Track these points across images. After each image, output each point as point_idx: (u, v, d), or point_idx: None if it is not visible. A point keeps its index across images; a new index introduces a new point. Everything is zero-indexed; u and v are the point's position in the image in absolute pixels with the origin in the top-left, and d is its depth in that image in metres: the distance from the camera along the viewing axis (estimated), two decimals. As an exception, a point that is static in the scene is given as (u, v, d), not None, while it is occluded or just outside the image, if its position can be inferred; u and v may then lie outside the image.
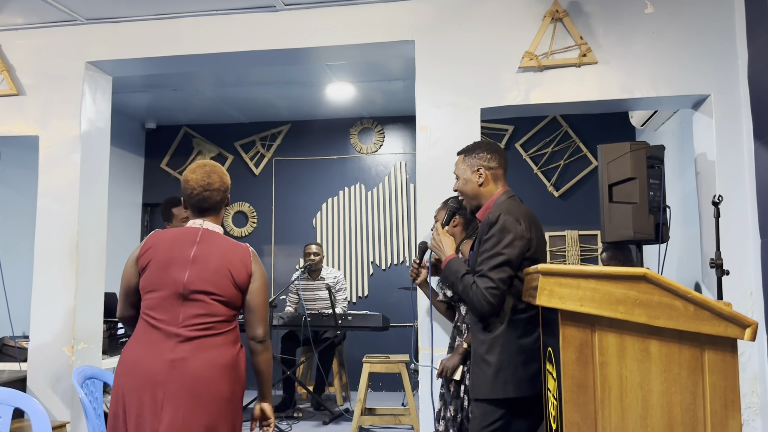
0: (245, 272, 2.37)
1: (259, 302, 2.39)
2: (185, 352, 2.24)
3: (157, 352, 2.24)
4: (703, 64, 3.51)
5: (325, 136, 7.02)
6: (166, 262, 2.32)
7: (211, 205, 2.43)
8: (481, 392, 2.32)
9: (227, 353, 2.31)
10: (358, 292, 6.75)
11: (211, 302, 2.30)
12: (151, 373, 2.22)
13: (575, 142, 6.41)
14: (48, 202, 4.01)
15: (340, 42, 3.86)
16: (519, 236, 2.29)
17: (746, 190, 3.39)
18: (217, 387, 2.25)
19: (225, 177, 2.48)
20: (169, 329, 2.26)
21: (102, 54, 4.11)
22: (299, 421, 5.10)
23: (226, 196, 2.49)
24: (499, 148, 2.59)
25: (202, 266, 2.31)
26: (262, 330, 2.38)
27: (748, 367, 3.30)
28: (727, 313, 1.76)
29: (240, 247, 2.43)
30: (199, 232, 2.40)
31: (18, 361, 4.14)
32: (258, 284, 2.40)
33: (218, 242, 2.39)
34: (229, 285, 2.33)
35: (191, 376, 2.22)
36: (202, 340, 2.27)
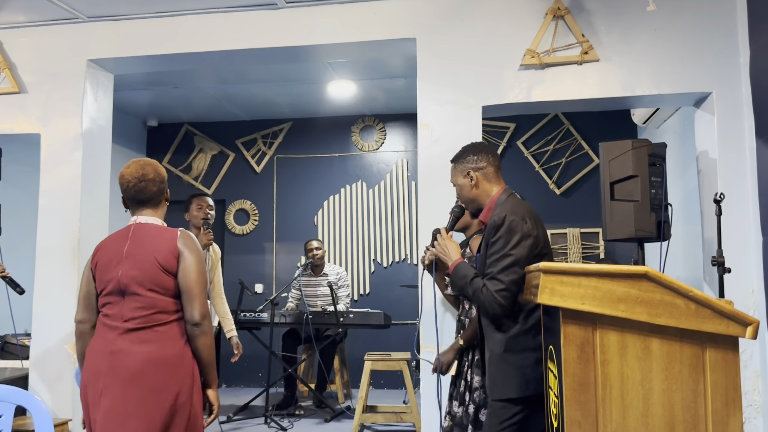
0: (171, 255, 2.33)
1: (190, 282, 2.32)
2: (124, 344, 2.26)
3: (102, 344, 2.30)
4: (704, 62, 3.50)
5: (326, 134, 7.02)
6: (106, 262, 2.38)
7: (148, 197, 2.44)
8: (501, 392, 2.33)
9: (166, 347, 2.28)
10: (359, 290, 6.76)
11: (147, 294, 2.30)
12: (94, 364, 2.28)
13: (577, 139, 6.40)
14: (50, 200, 4.02)
15: (341, 40, 3.86)
16: (526, 235, 2.30)
17: (748, 188, 3.39)
18: (152, 381, 2.23)
19: (160, 169, 2.48)
20: (113, 323, 2.31)
21: (103, 52, 4.11)
22: (301, 418, 5.11)
23: (164, 189, 2.48)
24: (486, 148, 2.59)
25: (133, 260, 2.33)
26: (196, 312, 2.30)
27: (750, 365, 3.30)
28: (729, 311, 1.75)
29: (168, 231, 2.40)
30: (131, 228, 2.43)
31: (20, 359, 4.15)
32: (186, 264, 2.33)
33: (149, 232, 2.39)
34: (158, 272, 2.31)
35: (127, 367, 2.23)
36: (142, 332, 2.28)
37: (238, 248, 7.03)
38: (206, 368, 2.37)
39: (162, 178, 2.47)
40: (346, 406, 5.42)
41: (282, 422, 4.79)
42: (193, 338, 2.33)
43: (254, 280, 6.85)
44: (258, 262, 6.98)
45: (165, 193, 2.50)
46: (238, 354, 4.07)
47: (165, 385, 2.24)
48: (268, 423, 4.78)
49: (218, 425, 4.60)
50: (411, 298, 6.35)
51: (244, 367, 6.79)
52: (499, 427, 2.30)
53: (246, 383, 6.76)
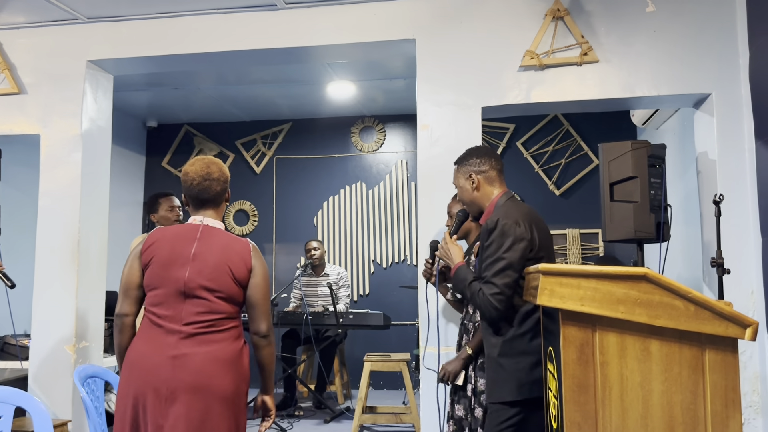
0: (245, 268, 2.35)
1: (260, 297, 2.38)
2: (187, 348, 2.25)
3: (160, 349, 2.25)
4: (704, 63, 3.51)
5: (326, 135, 7.02)
6: (167, 260, 2.32)
7: (211, 197, 2.42)
8: (497, 395, 2.35)
9: (229, 348, 2.31)
10: (359, 291, 6.76)
11: (213, 299, 2.30)
12: (154, 369, 2.23)
13: (576, 140, 6.40)
14: (49, 201, 4.02)
15: (341, 41, 3.86)
16: (519, 239, 2.31)
17: (747, 189, 3.39)
18: (219, 382, 2.25)
19: (224, 169, 2.48)
20: (171, 326, 2.27)
21: (103, 53, 4.11)
22: (300, 419, 5.10)
23: (226, 188, 2.48)
24: (489, 151, 2.60)
25: (202, 263, 2.31)
26: (264, 325, 2.38)
27: (750, 366, 3.30)
28: (728, 312, 1.76)
29: (240, 242, 2.41)
30: (200, 228, 2.39)
31: (20, 360, 4.15)
32: (258, 279, 2.38)
33: (218, 238, 2.38)
34: (229, 281, 2.32)
35: (193, 371, 2.22)
36: (204, 336, 2.28)
37: (237, 249, 7.02)
38: (268, 376, 2.46)
39: (226, 177, 2.47)
40: (345, 406, 5.42)
41: (281, 423, 4.78)
42: (259, 348, 2.40)
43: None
44: (257, 262, 6.96)
45: (227, 194, 2.50)
46: None
47: (227, 386, 2.28)
48: (267, 424, 4.78)
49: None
50: (411, 298, 6.35)
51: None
52: (497, 428, 2.32)
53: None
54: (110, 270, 4.29)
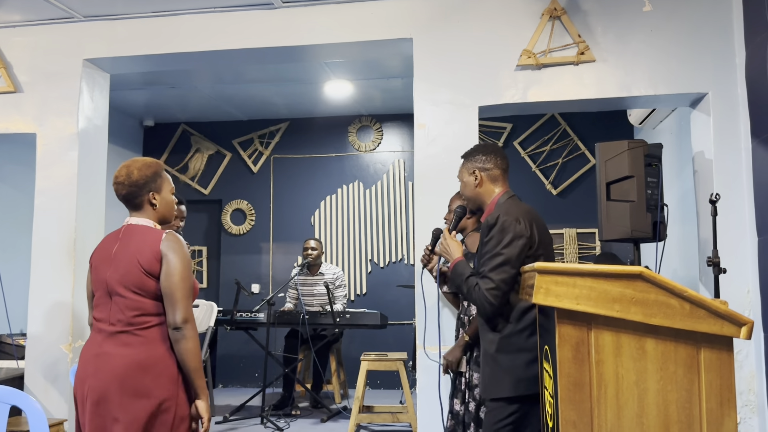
0: (153, 258, 2.28)
1: (168, 285, 2.26)
2: (109, 347, 2.25)
3: (89, 347, 2.31)
4: (701, 63, 3.51)
5: (323, 134, 7.02)
6: (97, 264, 2.38)
7: (123, 199, 2.41)
8: (493, 391, 2.36)
9: (149, 351, 2.24)
10: (356, 290, 6.75)
11: (131, 296, 2.27)
12: (82, 367, 2.29)
13: (573, 140, 6.41)
14: (46, 200, 4.01)
15: (338, 39, 3.86)
16: (518, 235, 2.32)
17: (744, 189, 3.40)
18: (134, 385, 2.20)
19: (135, 172, 2.37)
20: (101, 326, 2.31)
21: (99, 51, 4.10)
22: (297, 418, 5.10)
23: (137, 192, 2.38)
24: (497, 150, 2.62)
25: (119, 261, 2.32)
26: (178, 316, 2.24)
27: (746, 365, 3.31)
28: (723, 311, 1.76)
29: (153, 233, 2.35)
30: (122, 229, 2.42)
31: (15, 359, 4.14)
32: (168, 267, 2.27)
33: (136, 234, 2.36)
34: (140, 275, 2.27)
35: (110, 372, 2.22)
36: (126, 335, 2.26)
37: (234, 248, 7.03)
38: (191, 375, 2.28)
39: (132, 181, 2.37)
40: (342, 406, 5.42)
41: (278, 422, 4.78)
42: (176, 342, 2.27)
43: (251, 281, 6.84)
44: (254, 262, 6.97)
45: (143, 197, 2.40)
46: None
47: (146, 390, 2.20)
48: (264, 423, 4.78)
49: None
50: (408, 298, 6.35)
51: (240, 368, 6.78)
52: (495, 427, 2.32)
53: (242, 383, 6.75)
54: (106, 269, 4.27)
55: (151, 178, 2.42)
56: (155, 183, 2.43)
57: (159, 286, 2.29)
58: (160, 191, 2.45)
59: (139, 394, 2.20)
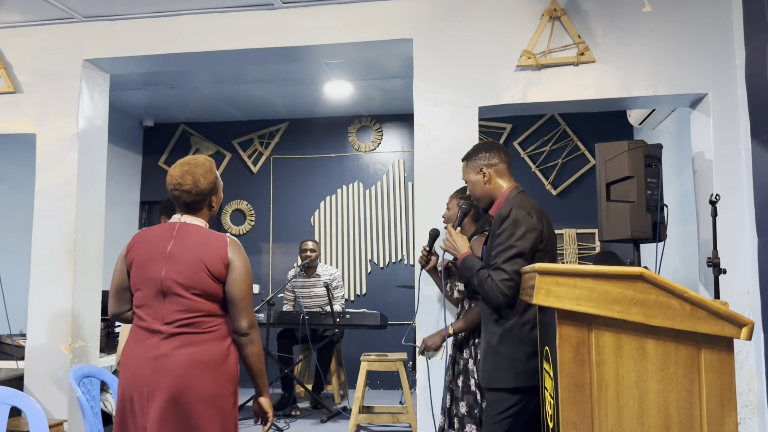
0: (221, 263, 2.29)
1: (237, 293, 2.29)
2: (168, 349, 2.24)
3: (143, 350, 2.26)
4: (700, 63, 3.51)
5: (323, 134, 7.02)
6: (145, 260, 2.32)
7: (186, 204, 2.37)
8: (494, 381, 2.40)
9: (210, 350, 2.26)
10: (356, 291, 6.75)
11: (191, 297, 2.26)
12: (137, 369, 2.25)
13: (573, 140, 6.41)
14: (45, 200, 4.01)
15: (338, 40, 3.86)
16: (531, 228, 2.36)
17: (743, 189, 3.40)
18: (199, 384, 2.22)
19: (201, 180, 2.35)
20: (153, 326, 2.28)
21: (99, 52, 4.10)
22: (297, 419, 5.10)
23: (204, 198, 2.38)
24: (497, 145, 2.65)
25: (178, 261, 2.28)
26: (245, 322, 2.30)
27: (746, 366, 3.31)
28: (724, 312, 1.76)
29: (217, 237, 2.34)
30: (176, 226, 2.36)
31: (15, 360, 4.14)
32: (236, 274, 2.30)
33: (195, 235, 2.33)
34: (206, 278, 2.27)
35: (173, 373, 2.21)
36: (185, 336, 2.25)
37: (234, 248, 7.01)
38: (256, 375, 2.40)
39: (200, 189, 2.35)
40: (342, 406, 5.41)
41: (278, 423, 4.78)
42: (242, 347, 2.34)
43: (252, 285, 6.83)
44: (254, 262, 6.97)
45: (206, 201, 2.40)
46: None
47: (208, 387, 2.23)
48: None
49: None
50: (407, 298, 6.35)
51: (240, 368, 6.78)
52: (496, 418, 2.36)
53: (242, 384, 6.73)
54: (106, 269, 4.26)
55: (214, 184, 2.42)
56: (216, 187, 2.44)
57: (223, 289, 2.31)
58: (218, 193, 2.46)
59: (202, 392, 2.22)
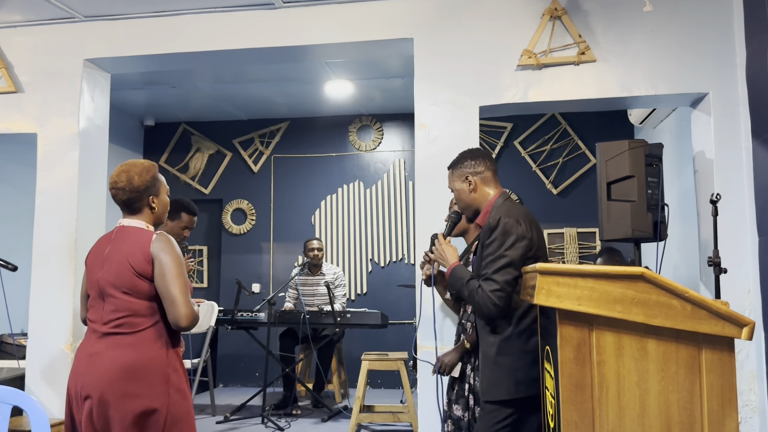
0: (143, 258, 2.28)
1: (163, 286, 2.25)
2: (101, 347, 2.28)
3: (84, 347, 2.34)
4: (701, 62, 3.51)
5: (323, 134, 7.02)
6: (91, 265, 2.42)
7: (123, 203, 2.40)
8: (493, 394, 2.35)
9: (140, 352, 2.25)
10: (356, 290, 6.75)
11: (120, 296, 2.29)
12: (76, 367, 2.32)
13: (574, 139, 6.41)
14: (46, 200, 4.01)
15: (338, 39, 3.86)
16: (520, 237, 2.33)
17: (744, 189, 3.40)
18: (124, 386, 2.21)
19: (135, 178, 2.37)
20: (94, 327, 2.34)
21: (100, 51, 4.10)
22: (298, 418, 5.11)
23: (141, 196, 2.39)
24: (483, 153, 2.63)
25: (110, 263, 2.34)
26: (180, 315, 2.23)
27: (746, 365, 3.31)
28: (725, 312, 1.76)
29: (143, 234, 2.35)
30: (115, 230, 2.44)
31: (17, 359, 4.14)
32: (160, 268, 2.26)
33: (127, 236, 2.37)
34: (131, 276, 2.28)
35: (99, 373, 2.24)
36: (117, 337, 2.28)
37: (235, 248, 7.03)
38: None
39: (134, 187, 2.37)
40: (343, 405, 5.42)
41: (279, 422, 4.79)
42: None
43: (251, 280, 6.84)
44: (255, 261, 6.97)
45: (143, 201, 2.41)
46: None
47: (135, 392, 2.21)
48: (265, 423, 4.78)
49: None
50: (408, 297, 6.35)
51: (241, 367, 6.79)
52: (491, 429, 2.32)
53: (243, 383, 6.75)
54: (107, 269, 4.27)
55: (150, 183, 2.43)
56: (154, 187, 2.45)
57: (152, 287, 2.30)
58: (158, 195, 2.47)
59: (128, 396, 2.21)
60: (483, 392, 2.42)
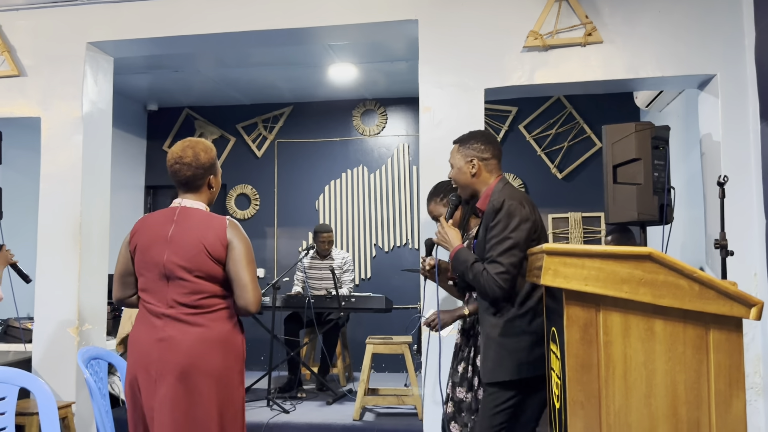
0: (220, 244, 2.30)
1: (237, 271, 2.30)
2: (173, 331, 2.27)
3: (150, 332, 2.30)
4: (709, 44, 3.47)
5: (327, 118, 6.99)
6: (148, 245, 2.35)
7: (185, 180, 2.39)
8: (495, 375, 2.36)
9: (216, 329, 2.30)
10: (361, 275, 6.76)
11: (194, 280, 2.29)
12: (144, 352, 2.29)
13: (579, 123, 6.37)
14: (51, 184, 4.01)
15: (342, 21, 3.83)
16: (525, 219, 2.33)
17: (752, 171, 3.37)
18: (205, 361, 2.25)
19: (201, 154, 2.38)
20: (158, 309, 2.31)
21: (103, 34, 4.08)
22: (303, 401, 5.13)
23: (203, 174, 2.40)
24: (493, 139, 2.60)
25: (179, 244, 2.31)
26: (249, 301, 2.30)
27: (752, 348, 3.31)
28: (733, 292, 1.75)
29: (216, 219, 2.36)
30: (177, 210, 2.39)
31: (23, 343, 4.16)
32: (235, 253, 2.31)
33: (195, 218, 2.36)
34: (206, 260, 2.29)
35: (179, 353, 2.24)
36: (191, 317, 2.28)
37: (239, 233, 7.02)
38: None
39: (200, 163, 2.38)
40: (348, 389, 5.44)
41: (284, 405, 4.81)
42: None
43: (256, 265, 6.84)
44: (259, 246, 6.97)
45: (205, 179, 2.42)
46: None
47: (215, 366, 2.26)
48: (270, 405, 4.80)
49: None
50: (412, 282, 6.35)
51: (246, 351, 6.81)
52: (494, 410, 2.33)
53: (249, 366, 6.77)
54: (112, 253, 4.27)
55: (214, 162, 2.45)
56: (215, 167, 2.46)
57: (224, 271, 2.32)
58: (217, 175, 2.48)
59: (209, 369, 2.25)
60: (485, 374, 2.42)
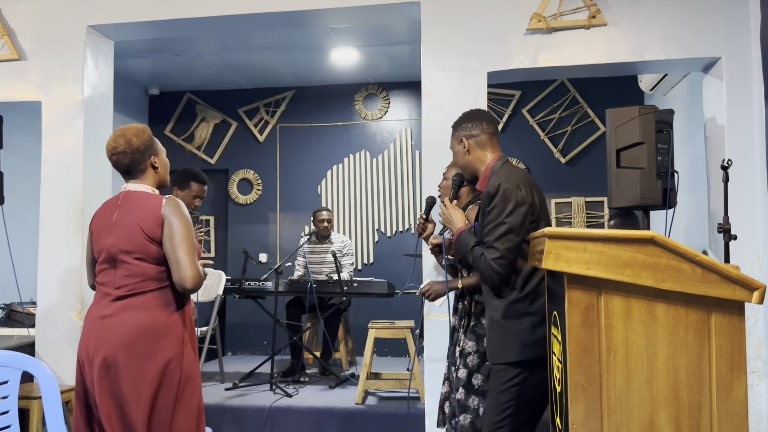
0: (154, 222, 2.31)
1: (170, 247, 2.28)
2: (114, 310, 2.31)
3: (95, 311, 2.37)
4: (714, 26, 3.44)
5: (329, 103, 6.95)
6: (99, 231, 2.42)
7: (126, 168, 2.42)
8: (500, 356, 2.39)
9: (154, 315, 2.30)
10: (363, 259, 6.76)
11: (134, 262, 2.32)
12: (87, 329, 2.35)
13: (583, 107, 6.33)
14: (52, 169, 4.00)
15: (344, 4, 3.79)
16: (521, 202, 2.33)
17: (756, 155, 3.35)
18: (139, 348, 2.26)
19: (133, 139, 2.38)
20: (105, 290, 2.37)
21: (103, 18, 4.05)
22: (306, 385, 5.15)
23: (138, 158, 2.40)
24: (481, 114, 2.60)
25: (120, 228, 2.35)
26: (184, 276, 2.26)
27: (754, 332, 3.30)
28: (735, 275, 1.74)
29: (154, 198, 2.38)
30: (121, 195, 2.44)
31: (26, 327, 4.18)
32: (168, 230, 2.29)
33: (136, 201, 2.38)
34: (143, 241, 2.30)
35: (113, 334, 2.27)
36: (130, 299, 2.31)
37: (241, 218, 7.03)
38: None
39: (134, 148, 2.39)
40: (350, 373, 5.46)
41: (287, 389, 4.83)
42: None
43: (258, 250, 6.86)
44: (262, 231, 6.97)
45: (146, 162, 2.43)
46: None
47: (152, 352, 2.26)
48: (273, 389, 4.82)
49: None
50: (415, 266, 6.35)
51: (249, 336, 6.84)
52: (501, 388, 2.37)
53: (251, 351, 6.81)
54: (114, 237, 4.29)
55: (150, 143, 2.45)
56: (153, 147, 2.47)
57: (161, 250, 2.32)
58: (158, 154, 2.49)
59: (145, 356, 2.26)
60: (490, 355, 2.45)
